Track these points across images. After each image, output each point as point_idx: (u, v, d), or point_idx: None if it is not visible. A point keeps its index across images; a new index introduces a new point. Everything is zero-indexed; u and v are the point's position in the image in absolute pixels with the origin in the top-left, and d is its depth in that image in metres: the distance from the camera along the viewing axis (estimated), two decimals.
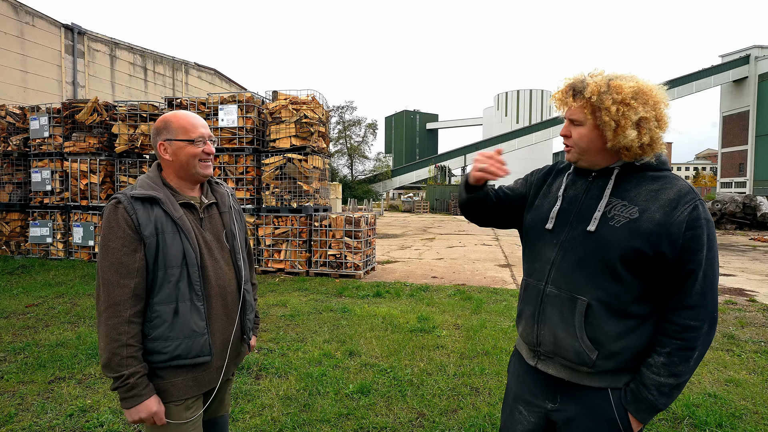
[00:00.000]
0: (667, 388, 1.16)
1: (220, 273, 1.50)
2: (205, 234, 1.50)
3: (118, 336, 1.34)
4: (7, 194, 9.32)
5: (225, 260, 1.53)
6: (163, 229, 1.40)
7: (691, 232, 1.14)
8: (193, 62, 22.31)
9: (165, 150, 1.48)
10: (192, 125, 1.48)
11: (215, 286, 1.48)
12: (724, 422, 2.82)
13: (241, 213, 1.68)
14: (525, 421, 1.38)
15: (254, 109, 7.92)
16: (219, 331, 1.49)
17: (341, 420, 2.84)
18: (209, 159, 1.51)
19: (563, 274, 1.26)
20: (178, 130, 1.47)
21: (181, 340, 1.40)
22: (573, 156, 1.29)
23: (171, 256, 1.39)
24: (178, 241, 1.40)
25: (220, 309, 1.49)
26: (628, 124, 1.16)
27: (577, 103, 1.23)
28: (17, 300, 5.76)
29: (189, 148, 1.46)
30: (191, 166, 1.48)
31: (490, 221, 1.52)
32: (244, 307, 1.57)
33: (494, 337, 4.45)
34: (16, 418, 2.83)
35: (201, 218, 1.51)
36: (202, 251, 1.46)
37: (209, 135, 1.52)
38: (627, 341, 1.20)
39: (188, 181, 1.52)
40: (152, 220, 1.39)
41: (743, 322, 5.11)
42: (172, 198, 1.45)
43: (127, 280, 1.35)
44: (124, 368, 1.34)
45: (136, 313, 1.37)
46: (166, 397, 1.43)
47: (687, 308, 1.16)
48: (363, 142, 47.14)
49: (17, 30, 14.70)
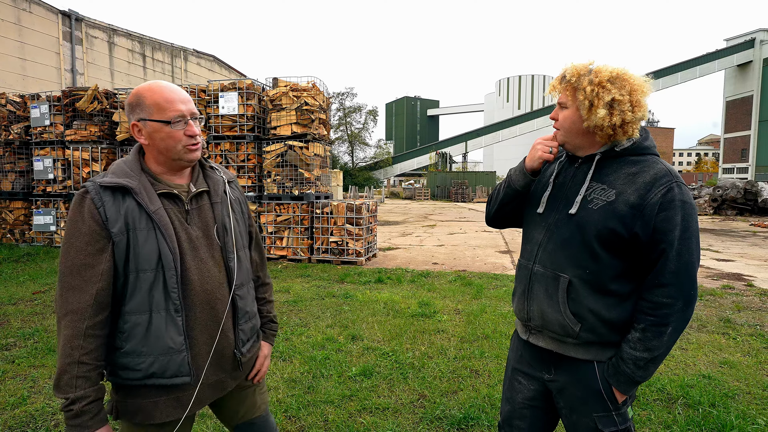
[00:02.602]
0: (642, 362, 1.23)
1: (206, 276, 1.26)
2: (191, 230, 1.26)
3: (70, 351, 1.12)
4: (9, 183, 9.36)
5: (214, 260, 1.29)
6: (134, 225, 1.18)
7: (664, 213, 1.19)
8: (192, 49, 22.10)
9: (139, 131, 1.23)
10: (168, 101, 1.21)
11: (200, 292, 1.25)
12: (717, 402, 2.90)
13: (242, 203, 1.46)
14: (525, 390, 1.48)
15: (255, 97, 7.90)
16: (206, 343, 1.27)
17: (344, 401, 2.92)
18: (194, 141, 1.25)
19: (549, 254, 1.34)
20: (152, 107, 1.21)
21: (155, 357, 1.19)
22: (560, 137, 1.35)
23: (144, 258, 1.18)
24: (152, 240, 1.18)
25: (206, 318, 1.26)
26: (600, 104, 1.22)
27: (562, 86, 1.31)
28: (24, 287, 5.85)
29: (166, 129, 1.21)
30: (171, 151, 1.24)
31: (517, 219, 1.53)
32: (236, 316, 1.34)
33: (494, 321, 4.53)
34: (29, 400, 2.92)
35: (187, 210, 1.27)
36: (184, 251, 1.23)
37: (192, 112, 1.25)
38: (608, 316, 1.27)
39: (170, 167, 1.28)
40: (122, 214, 1.17)
41: (740, 306, 5.17)
42: (150, 187, 1.22)
43: (89, 285, 1.14)
44: (70, 391, 1.11)
45: (97, 325, 1.15)
46: (140, 420, 1.24)
47: (660, 286, 1.21)
48: (364, 129, 46.93)
49: (14, 17, 14.56)
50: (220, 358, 1.32)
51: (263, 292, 1.58)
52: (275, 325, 1.61)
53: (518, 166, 1.43)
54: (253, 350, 1.46)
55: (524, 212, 1.50)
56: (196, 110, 1.28)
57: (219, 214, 1.34)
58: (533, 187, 1.46)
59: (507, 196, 1.46)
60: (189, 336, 1.24)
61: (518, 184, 1.42)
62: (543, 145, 1.35)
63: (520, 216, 1.52)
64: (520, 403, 1.49)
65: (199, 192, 1.32)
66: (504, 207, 1.49)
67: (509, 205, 1.48)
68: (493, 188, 1.61)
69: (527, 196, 1.46)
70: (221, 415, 1.51)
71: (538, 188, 1.45)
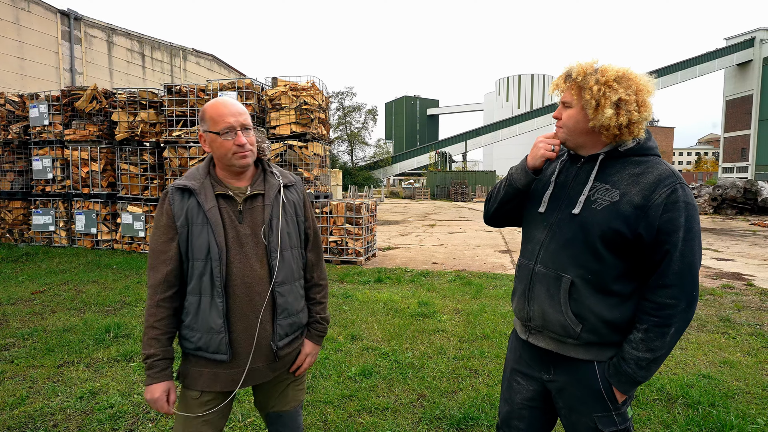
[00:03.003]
0: (644, 362, 1.23)
1: (247, 271, 1.41)
2: (241, 228, 1.43)
3: (148, 317, 1.40)
4: (8, 182, 9.35)
5: (258, 257, 1.44)
6: (193, 221, 1.39)
7: (668, 215, 1.19)
8: (191, 48, 22.07)
9: (204, 141, 1.45)
10: (220, 114, 1.39)
11: (240, 284, 1.40)
12: (716, 402, 2.90)
13: (298, 206, 1.57)
14: (524, 390, 1.47)
15: (254, 96, 7.89)
16: (243, 330, 1.42)
17: (344, 401, 2.92)
18: (243, 150, 1.40)
19: (551, 253, 1.33)
20: (209, 121, 1.41)
21: (202, 334, 1.40)
22: (561, 135, 1.35)
23: (197, 248, 1.38)
24: (205, 234, 1.38)
25: (245, 309, 1.42)
26: (607, 104, 1.21)
27: (566, 85, 1.30)
28: (23, 287, 5.84)
29: (219, 140, 1.39)
30: (224, 157, 1.42)
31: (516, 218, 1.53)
32: (275, 311, 1.46)
33: (493, 321, 4.52)
34: (28, 400, 2.91)
35: (240, 210, 1.44)
36: (231, 246, 1.40)
37: (242, 123, 1.40)
38: (610, 317, 1.27)
39: (229, 172, 1.46)
40: (185, 211, 1.40)
41: (740, 306, 5.17)
42: (210, 188, 1.42)
43: (162, 266, 1.40)
44: (146, 348, 1.39)
45: (166, 299, 1.40)
46: (188, 384, 1.45)
47: (663, 287, 1.21)
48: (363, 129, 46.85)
49: (13, 16, 14.53)
50: (257, 347, 1.45)
51: (315, 293, 1.65)
52: (322, 326, 1.65)
53: (520, 165, 1.42)
54: (294, 346, 1.56)
55: (524, 211, 1.49)
56: (247, 122, 1.43)
57: (268, 215, 1.46)
58: (534, 185, 1.46)
59: (507, 194, 1.45)
60: (228, 321, 1.41)
61: (520, 183, 1.41)
62: (545, 143, 1.34)
63: (519, 215, 1.51)
64: (519, 403, 1.48)
65: (254, 194, 1.47)
66: (504, 205, 1.49)
67: (509, 204, 1.48)
68: (492, 187, 1.61)
69: (528, 195, 1.45)
70: (256, 401, 1.65)
71: (539, 187, 1.44)
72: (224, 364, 1.42)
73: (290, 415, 1.61)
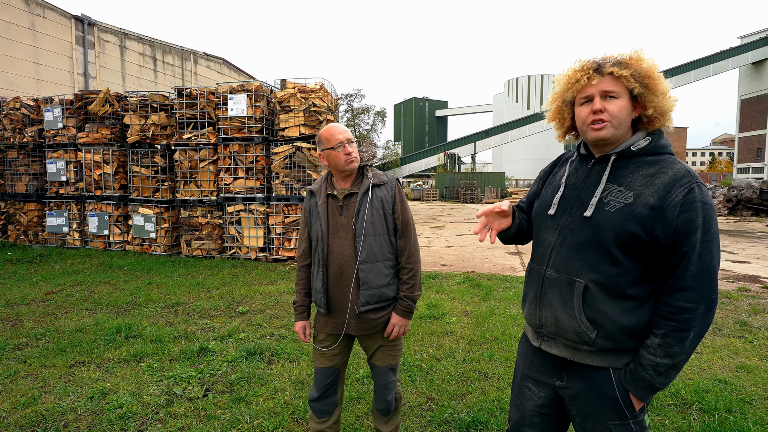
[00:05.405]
0: (663, 368, 1.18)
1: (340, 251, 1.89)
2: (340, 218, 1.91)
3: (295, 277, 2.15)
4: (24, 185, 9.52)
5: (347, 241, 1.88)
6: (311, 213, 1.97)
7: (685, 216, 1.15)
8: (202, 52, 22.31)
9: (323, 158, 1.94)
10: (331, 134, 1.89)
11: (335, 261, 1.89)
12: (734, 408, 2.82)
13: (385, 201, 1.94)
14: (535, 397, 1.43)
15: (263, 98, 7.93)
16: (336, 294, 1.91)
17: (352, 403, 2.90)
18: (350, 156, 1.89)
19: (562, 257, 1.29)
20: (324, 141, 1.91)
21: (315, 292, 1.97)
22: (608, 131, 1.24)
23: (314, 233, 1.94)
24: (317, 223, 1.93)
25: (337, 279, 1.90)
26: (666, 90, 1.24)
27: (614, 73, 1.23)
28: (37, 288, 5.93)
29: (333, 153, 1.89)
30: (338, 165, 1.90)
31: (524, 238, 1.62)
32: (358, 283, 1.88)
33: (503, 323, 4.47)
34: (39, 399, 2.94)
35: (341, 206, 1.92)
36: (331, 232, 1.90)
37: (347, 138, 1.89)
38: (625, 322, 1.22)
39: (339, 176, 1.96)
40: (309, 206, 1.99)
41: (756, 309, 5.05)
42: (324, 191, 1.95)
43: (302, 244, 2.03)
44: (295, 296, 2.06)
45: (303, 267, 2.03)
46: (314, 325, 2.03)
47: (682, 290, 1.17)
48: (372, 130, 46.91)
49: (29, 22, 14.82)
50: (348, 308, 1.91)
51: (402, 274, 1.97)
52: (406, 302, 1.96)
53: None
54: (379, 314, 1.94)
55: (533, 214, 1.46)
56: (351, 137, 1.92)
57: (357, 208, 1.89)
58: (543, 188, 1.42)
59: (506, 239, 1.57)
60: (326, 286, 1.92)
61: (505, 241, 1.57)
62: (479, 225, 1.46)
63: (528, 235, 1.58)
64: (530, 410, 1.44)
65: (350, 192, 1.93)
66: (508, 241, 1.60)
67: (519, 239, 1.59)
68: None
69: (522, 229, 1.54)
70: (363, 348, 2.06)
71: (549, 189, 1.40)
72: (326, 315, 1.95)
73: (382, 371, 2.00)
